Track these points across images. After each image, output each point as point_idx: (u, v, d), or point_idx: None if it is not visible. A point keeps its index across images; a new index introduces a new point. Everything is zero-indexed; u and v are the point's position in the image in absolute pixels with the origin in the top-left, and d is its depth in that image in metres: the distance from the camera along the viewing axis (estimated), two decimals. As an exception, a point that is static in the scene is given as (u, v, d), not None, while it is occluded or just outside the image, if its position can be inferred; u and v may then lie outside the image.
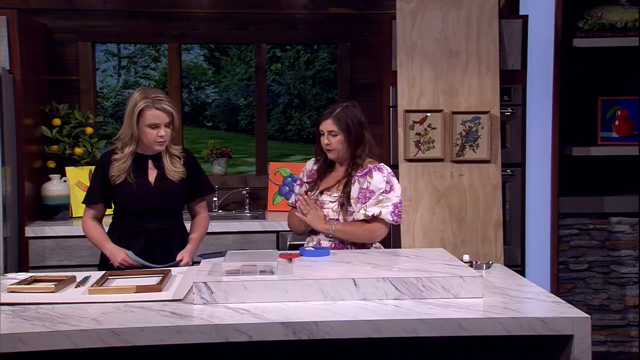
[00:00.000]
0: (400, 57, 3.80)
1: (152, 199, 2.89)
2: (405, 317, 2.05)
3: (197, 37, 4.60)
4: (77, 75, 4.48)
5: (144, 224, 2.88)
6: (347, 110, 2.86)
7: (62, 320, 2.02)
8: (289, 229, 3.07)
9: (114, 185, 2.88)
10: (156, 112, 2.82)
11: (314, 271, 2.36)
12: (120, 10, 4.47)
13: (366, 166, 2.85)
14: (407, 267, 2.45)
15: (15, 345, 1.91)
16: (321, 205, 2.86)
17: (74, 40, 4.45)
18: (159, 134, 2.83)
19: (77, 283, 2.44)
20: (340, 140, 2.83)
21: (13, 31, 3.81)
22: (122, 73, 4.79)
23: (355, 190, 2.82)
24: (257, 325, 2.00)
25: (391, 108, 3.94)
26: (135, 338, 1.96)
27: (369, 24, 4.55)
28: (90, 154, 4.29)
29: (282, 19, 4.61)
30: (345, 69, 4.68)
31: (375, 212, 2.76)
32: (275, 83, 4.88)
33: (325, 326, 2.01)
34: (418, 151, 3.82)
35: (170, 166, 2.91)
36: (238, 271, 2.29)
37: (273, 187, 4.54)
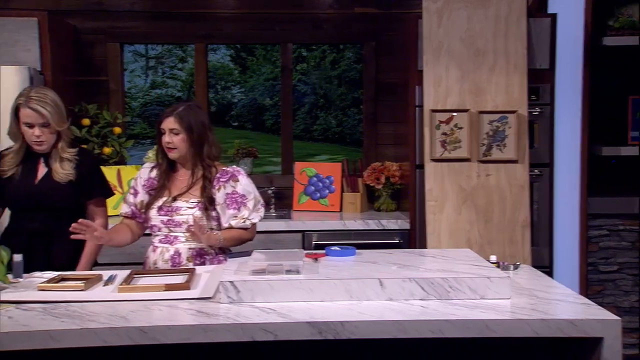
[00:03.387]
0: (426, 56, 3.78)
1: (33, 197, 2.83)
2: (432, 317, 2.04)
3: (223, 37, 4.63)
4: (106, 75, 4.54)
5: (25, 223, 2.82)
6: (189, 109, 2.80)
7: (92, 318, 2.05)
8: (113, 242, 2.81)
9: (2, 179, 2.85)
10: (28, 111, 2.78)
11: (340, 271, 2.36)
12: (148, 11, 4.52)
13: (224, 170, 2.82)
14: (434, 268, 2.44)
15: (47, 342, 1.94)
16: (177, 211, 2.76)
17: (103, 41, 4.51)
18: (34, 133, 2.80)
19: (105, 281, 2.47)
20: (182, 139, 2.76)
21: (44, 33, 3.87)
22: (150, 73, 4.83)
23: (220, 195, 2.77)
24: (283, 325, 2.01)
25: (417, 108, 3.92)
26: (163, 336, 1.98)
27: (395, 24, 4.54)
28: (118, 153, 4.34)
29: (307, 19, 4.62)
30: (371, 68, 4.67)
31: (258, 219, 2.81)
32: (300, 83, 4.88)
33: (351, 326, 2.01)
34: (444, 151, 3.79)
35: (58, 167, 2.86)
36: (264, 270, 2.30)
37: (299, 187, 4.55)
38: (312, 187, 4.54)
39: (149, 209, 2.80)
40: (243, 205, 2.77)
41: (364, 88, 4.73)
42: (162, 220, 2.77)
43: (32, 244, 2.79)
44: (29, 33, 3.85)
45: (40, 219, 2.83)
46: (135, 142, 4.66)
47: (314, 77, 4.88)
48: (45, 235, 2.84)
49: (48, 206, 2.84)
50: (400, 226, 4.04)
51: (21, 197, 2.83)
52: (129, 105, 4.74)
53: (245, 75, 4.90)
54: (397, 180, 4.39)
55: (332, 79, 4.89)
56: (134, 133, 4.75)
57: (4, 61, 3.81)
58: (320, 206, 4.49)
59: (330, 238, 3.94)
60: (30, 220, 2.82)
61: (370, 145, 4.72)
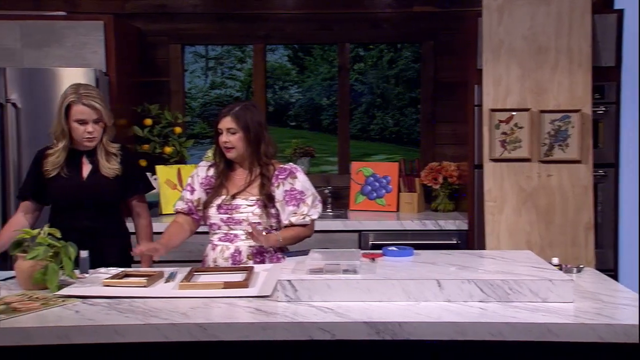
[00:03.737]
0: (486, 55, 3.72)
1: (84, 192, 2.86)
2: (491, 320, 2.01)
3: (282, 37, 4.67)
4: (168, 76, 4.64)
5: (76, 221, 2.83)
6: (246, 109, 2.82)
7: (154, 314, 2.09)
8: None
9: (47, 179, 2.87)
10: (82, 107, 2.81)
11: (397, 271, 2.34)
12: (208, 13, 4.60)
13: (282, 167, 2.84)
14: (493, 269, 2.40)
15: (111, 337, 1.99)
16: (237, 209, 2.79)
17: (165, 43, 4.62)
18: (86, 130, 2.82)
19: (166, 278, 2.53)
20: (239, 138, 2.78)
21: (109, 35, 3.99)
22: (209, 74, 4.91)
23: (280, 192, 2.80)
24: (340, 324, 2.01)
25: (476, 107, 3.87)
26: (222, 333, 2.01)
27: (454, 22, 4.49)
28: (179, 153, 4.43)
29: (365, 19, 4.61)
30: (429, 67, 4.63)
31: (317, 215, 2.84)
32: (358, 82, 4.88)
33: (409, 327, 2.00)
34: (504, 151, 3.73)
35: (105, 162, 2.89)
36: (322, 270, 2.31)
37: (355, 187, 4.55)
38: (368, 186, 4.53)
39: (208, 208, 2.84)
40: (302, 201, 2.80)
41: (421, 87, 4.69)
42: (221, 219, 2.81)
43: (83, 241, 2.77)
44: (96, 36, 3.98)
45: (89, 215, 2.87)
46: (195, 142, 4.75)
47: (372, 77, 4.87)
48: (96, 231, 2.87)
49: (97, 202, 2.89)
50: (458, 227, 4.00)
51: (70, 194, 2.87)
52: (189, 105, 4.83)
53: (303, 75, 4.93)
54: (455, 180, 4.34)
55: (389, 78, 4.87)
56: (194, 133, 4.84)
57: (74, 63, 3.95)
58: (377, 206, 4.48)
59: (386, 238, 3.93)
60: (80, 218, 2.85)
61: (428, 145, 4.68)
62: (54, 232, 2.45)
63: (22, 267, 2.41)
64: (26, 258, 2.38)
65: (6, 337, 1.97)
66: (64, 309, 2.16)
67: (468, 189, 3.99)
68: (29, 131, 3.82)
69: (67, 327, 1.99)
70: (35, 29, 3.97)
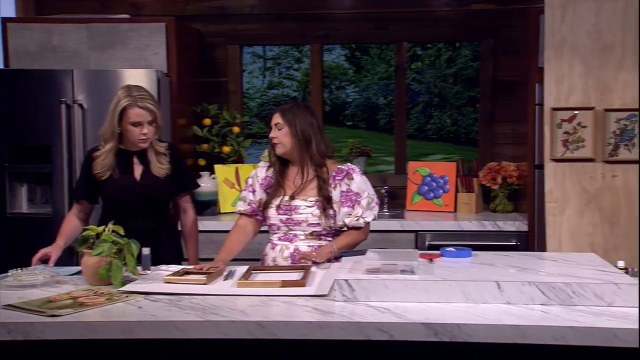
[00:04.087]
0: (548, 52, 3.64)
1: (138, 193, 2.90)
2: (554, 323, 1.96)
3: (339, 37, 4.68)
4: (226, 77, 4.71)
5: (129, 222, 2.78)
6: (295, 107, 2.84)
7: (213, 311, 2.12)
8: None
9: (99, 181, 2.90)
10: (138, 110, 2.83)
11: (456, 272, 2.32)
12: (266, 13, 4.64)
13: (339, 168, 2.82)
14: (555, 272, 2.34)
15: (172, 332, 2.03)
16: (296, 210, 2.79)
17: (224, 44, 4.69)
18: (141, 131, 2.85)
19: (225, 276, 2.56)
20: (285, 133, 2.78)
21: (171, 37, 4.08)
22: (267, 74, 4.95)
23: (336, 193, 2.78)
24: (398, 325, 2.00)
25: (537, 106, 3.79)
26: (280, 331, 2.02)
27: (514, 19, 4.41)
28: (237, 152, 4.49)
29: (423, 17, 4.58)
30: (488, 66, 4.56)
31: (372, 217, 2.82)
32: (415, 82, 4.84)
33: (468, 329, 1.97)
34: (566, 151, 3.64)
35: (156, 163, 2.92)
36: (379, 270, 2.30)
37: (412, 187, 4.52)
38: (425, 186, 4.49)
39: (267, 208, 2.86)
40: (357, 203, 2.79)
41: (480, 86, 4.62)
42: (281, 219, 2.83)
43: (138, 241, 2.79)
44: (158, 38, 4.07)
45: (143, 215, 2.92)
46: (253, 141, 4.80)
47: (429, 76, 4.83)
48: (150, 231, 2.92)
49: (150, 202, 2.94)
50: (517, 228, 3.92)
51: (124, 195, 2.91)
52: (247, 105, 4.89)
53: (360, 75, 4.92)
54: (515, 180, 4.26)
55: (447, 77, 4.82)
56: (252, 132, 4.89)
57: (137, 64, 4.06)
58: (434, 206, 4.44)
59: (444, 239, 3.89)
60: (134, 218, 2.87)
61: (486, 144, 4.61)
62: (118, 230, 2.52)
63: (88, 263, 2.49)
64: (92, 254, 2.45)
65: (73, 330, 2.04)
66: (128, 304, 2.22)
67: (528, 189, 3.92)
68: (94, 130, 3.91)
69: (131, 322, 2.05)
70: (101, 32, 4.10)
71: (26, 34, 4.12)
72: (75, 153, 3.93)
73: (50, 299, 2.28)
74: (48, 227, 3.96)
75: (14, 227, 4.02)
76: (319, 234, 2.82)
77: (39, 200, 4.12)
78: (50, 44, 4.11)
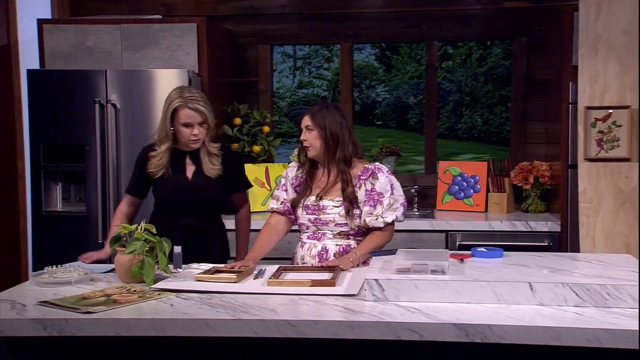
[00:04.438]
0: (582, 50, 3.58)
1: (189, 193, 2.94)
2: (588, 325, 1.93)
3: (369, 36, 4.67)
4: (256, 76, 4.73)
5: (179, 219, 2.92)
6: (325, 108, 2.82)
7: (244, 310, 2.13)
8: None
9: (153, 179, 2.95)
10: (189, 111, 2.86)
11: (487, 273, 2.30)
12: (297, 13, 4.65)
13: (365, 167, 2.80)
14: (589, 273, 2.31)
15: (204, 330, 2.04)
16: (323, 210, 2.79)
17: (254, 44, 4.71)
18: (192, 132, 2.88)
19: (255, 275, 2.58)
20: (316, 136, 2.78)
21: (202, 37, 4.11)
22: (297, 74, 4.97)
23: (362, 193, 2.77)
24: (429, 325, 1.99)
25: (570, 105, 3.73)
26: (310, 330, 2.02)
27: (547, 17, 4.35)
28: (267, 151, 4.51)
29: (454, 16, 4.54)
30: (521, 64, 4.51)
31: (392, 218, 2.78)
32: (445, 81, 4.81)
33: (500, 330, 1.95)
34: (600, 150, 3.58)
35: (207, 163, 2.95)
36: (409, 270, 2.29)
37: (442, 186, 4.49)
38: (456, 186, 4.46)
39: (296, 208, 2.88)
40: (379, 203, 2.78)
41: (512, 85, 4.57)
42: (309, 219, 2.84)
43: (187, 238, 2.91)
44: (189, 37, 4.11)
45: (192, 214, 2.96)
46: (283, 141, 4.82)
47: (460, 75, 4.79)
48: (199, 229, 2.97)
49: (200, 201, 2.98)
50: (550, 228, 3.87)
51: (175, 194, 2.96)
52: (277, 104, 4.91)
53: (390, 74, 4.91)
54: (547, 180, 4.21)
55: (478, 76, 4.78)
56: (282, 132, 4.91)
57: (169, 64, 4.10)
58: (465, 206, 4.40)
59: (475, 239, 3.85)
60: (184, 216, 2.94)
61: (518, 144, 4.56)
62: (150, 228, 2.55)
63: (121, 260, 2.53)
64: (124, 252, 2.48)
65: (107, 327, 2.07)
66: (160, 302, 2.24)
67: (561, 189, 3.86)
68: (126, 130, 4.00)
69: (163, 319, 2.07)
70: (134, 32, 4.15)
71: (61, 35, 4.20)
72: (109, 152, 3.99)
73: (85, 296, 2.31)
74: (82, 225, 4.05)
75: (49, 225, 4.09)
76: (346, 233, 2.82)
77: (73, 199, 4.19)
78: (84, 45, 4.18)
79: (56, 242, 4.04)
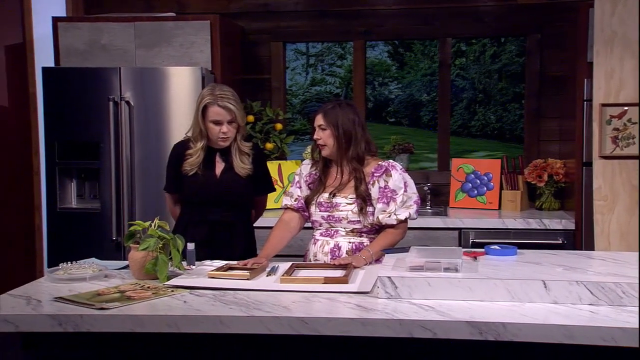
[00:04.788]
0: (597, 47, 3.55)
1: (216, 191, 2.95)
2: (603, 324, 1.92)
3: (382, 33, 4.66)
4: (269, 74, 4.73)
5: (206, 215, 2.95)
6: (338, 106, 2.81)
7: (257, 307, 2.14)
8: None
9: (185, 176, 2.97)
10: (218, 109, 2.88)
11: (501, 270, 2.29)
12: (309, 10, 4.65)
13: (379, 165, 2.80)
14: (604, 271, 2.30)
15: (217, 327, 2.05)
16: (337, 207, 2.79)
17: (267, 41, 4.71)
18: (221, 130, 2.89)
19: (268, 272, 2.58)
20: (329, 135, 2.78)
21: (215, 34, 4.12)
22: (310, 71, 4.97)
23: (375, 190, 2.77)
24: (442, 323, 1.99)
25: (585, 102, 3.71)
26: (322, 328, 2.03)
27: (562, 14, 4.32)
28: (279, 149, 4.51)
29: (467, 12, 4.52)
30: (535, 61, 4.48)
31: (406, 215, 2.78)
32: (459, 78, 4.79)
33: (514, 328, 1.95)
34: (615, 147, 3.55)
35: (238, 162, 2.96)
36: (422, 267, 2.29)
37: (455, 184, 4.47)
38: (469, 184, 4.44)
39: (309, 205, 2.88)
40: (392, 200, 2.78)
41: (526, 82, 4.54)
42: (322, 216, 2.84)
43: (214, 234, 2.96)
44: (202, 35, 4.12)
45: (220, 211, 2.98)
46: (295, 138, 4.82)
47: (473, 72, 4.77)
48: (226, 225, 3.00)
49: (229, 198, 3.00)
50: (564, 226, 3.85)
51: (204, 190, 2.97)
52: (290, 102, 4.91)
53: (403, 71, 4.89)
54: (562, 178, 4.18)
55: (492, 73, 4.75)
56: (294, 129, 4.91)
57: (182, 62, 4.11)
58: (478, 203, 4.38)
59: (488, 236, 3.84)
60: (211, 212, 2.97)
61: (532, 141, 4.53)
62: (164, 225, 2.56)
63: (135, 257, 2.54)
64: (138, 249, 2.50)
65: (121, 323, 2.08)
66: (173, 298, 2.25)
67: (575, 187, 3.84)
68: (140, 127, 4.02)
69: (176, 316, 2.08)
70: (147, 30, 4.16)
71: (76, 32, 4.22)
72: (123, 149, 4.01)
73: (99, 292, 2.33)
74: (96, 222, 4.07)
75: (64, 222, 4.12)
76: (359, 231, 2.82)
77: (88, 196, 4.22)
78: (98, 43, 4.20)
79: (71, 239, 4.07)
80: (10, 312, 2.13)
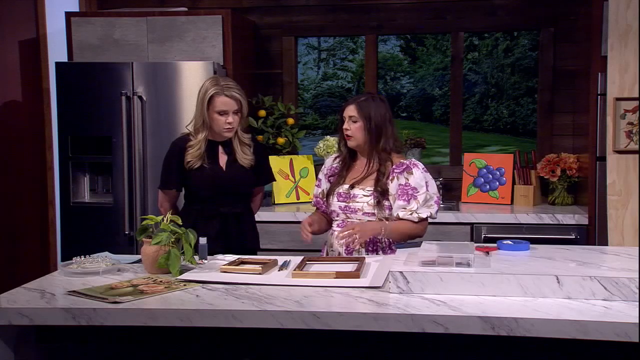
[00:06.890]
0: (612, 40, 3.52)
1: (224, 183, 2.97)
2: (616, 319, 1.91)
3: (394, 28, 4.64)
4: (281, 68, 4.73)
5: (218, 208, 2.96)
6: (371, 99, 2.82)
7: (269, 301, 2.14)
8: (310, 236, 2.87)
9: (189, 170, 2.96)
10: (225, 99, 2.88)
11: (513, 266, 2.28)
12: (321, 4, 4.64)
13: (401, 162, 2.80)
14: (618, 266, 2.28)
15: (229, 321, 2.06)
16: (354, 198, 2.81)
17: (279, 35, 4.71)
18: (227, 120, 2.89)
19: (280, 266, 2.59)
20: (359, 127, 2.79)
21: (227, 29, 4.13)
22: (322, 65, 4.96)
23: (393, 186, 2.77)
24: (454, 318, 1.98)
25: (599, 96, 3.68)
26: (335, 322, 2.03)
27: (576, 7, 4.28)
28: (291, 143, 4.51)
29: (480, 6, 4.49)
30: (548, 55, 4.45)
31: (427, 214, 2.78)
32: (471, 72, 4.77)
33: (526, 323, 1.94)
34: (629, 142, 3.53)
35: (241, 153, 2.98)
36: (434, 262, 2.28)
37: (467, 178, 4.46)
38: (481, 178, 4.42)
39: (330, 195, 2.91)
40: (413, 198, 2.78)
41: (539, 76, 4.51)
42: (340, 206, 2.87)
43: (226, 226, 2.98)
44: (214, 30, 4.12)
45: (228, 203, 3.00)
46: (307, 133, 4.82)
47: (486, 66, 4.74)
48: (236, 217, 3.02)
49: (235, 190, 3.02)
50: (577, 221, 3.83)
51: (211, 184, 2.98)
52: (302, 96, 4.91)
53: (415, 66, 4.88)
54: (575, 172, 4.16)
55: (504, 67, 4.73)
56: (306, 124, 4.91)
57: (194, 56, 4.12)
58: (490, 198, 4.37)
59: (500, 231, 3.82)
60: (221, 205, 2.98)
61: (545, 136, 4.50)
62: (176, 219, 2.57)
63: (147, 251, 2.55)
64: (151, 243, 2.51)
65: (134, 317, 2.09)
66: (185, 292, 2.26)
67: (589, 181, 3.81)
68: (152, 122, 4.03)
69: (189, 310, 2.09)
70: (160, 25, 4.17)
71: (89, 27, 4.24)
72: (135, 144, 4.03)
73: (112, 286, 2.34)
74: (109, 216, 4.10)
75: (77, 216, 4.15)
76: None
77: (100, 190, 4.24)
78: (111, 37, 4.21)
79: (84, 233, 4.10)
80: (25, 305, 2.15)
